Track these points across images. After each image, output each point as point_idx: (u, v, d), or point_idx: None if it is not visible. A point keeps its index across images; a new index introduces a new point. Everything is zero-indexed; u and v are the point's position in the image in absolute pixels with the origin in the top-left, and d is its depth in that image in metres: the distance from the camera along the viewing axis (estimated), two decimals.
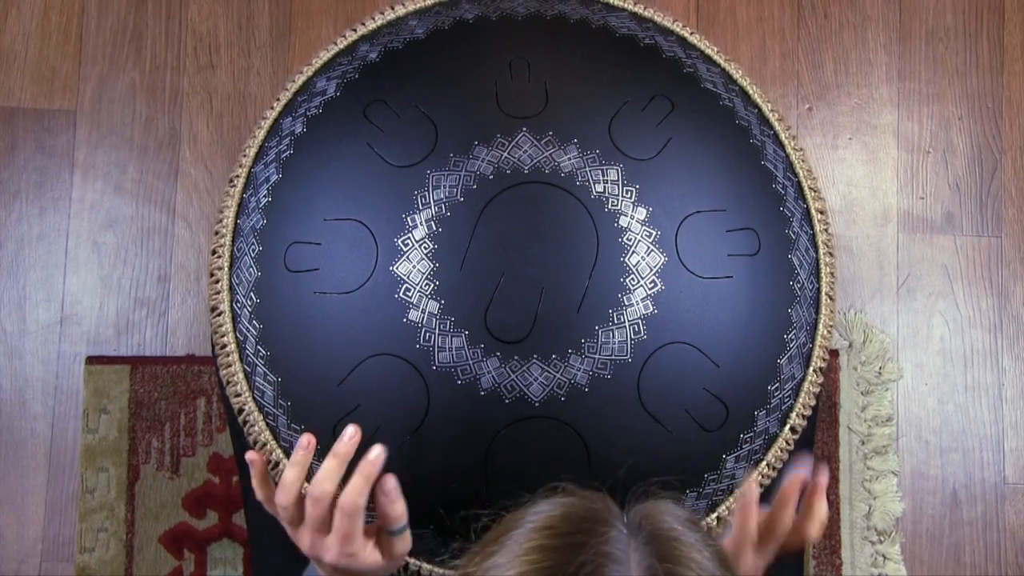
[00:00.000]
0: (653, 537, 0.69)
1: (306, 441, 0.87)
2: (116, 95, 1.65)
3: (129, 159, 1.64)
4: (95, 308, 1.61)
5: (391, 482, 0.84)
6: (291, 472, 0.85)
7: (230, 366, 1.00)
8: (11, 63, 1.64)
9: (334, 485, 0.83)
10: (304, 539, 0.84)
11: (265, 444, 0.96)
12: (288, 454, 0.95)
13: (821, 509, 0.92)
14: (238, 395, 1.00)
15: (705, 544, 0.70)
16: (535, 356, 0.92)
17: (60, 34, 1.66)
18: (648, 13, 1.12)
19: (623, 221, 0.94)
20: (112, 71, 1.65)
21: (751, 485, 0.91)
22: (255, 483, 0.87)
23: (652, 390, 0.94)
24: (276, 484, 0.89)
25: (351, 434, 0.86)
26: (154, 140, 1.64)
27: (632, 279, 0.93)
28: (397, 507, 0.84)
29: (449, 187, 0.94)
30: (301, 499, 0.86)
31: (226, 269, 1.03)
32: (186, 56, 1.67)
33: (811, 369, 1.03)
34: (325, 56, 1.10)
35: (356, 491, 0.83)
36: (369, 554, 0.83)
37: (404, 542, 0.87)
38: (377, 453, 0.85)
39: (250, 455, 0.86)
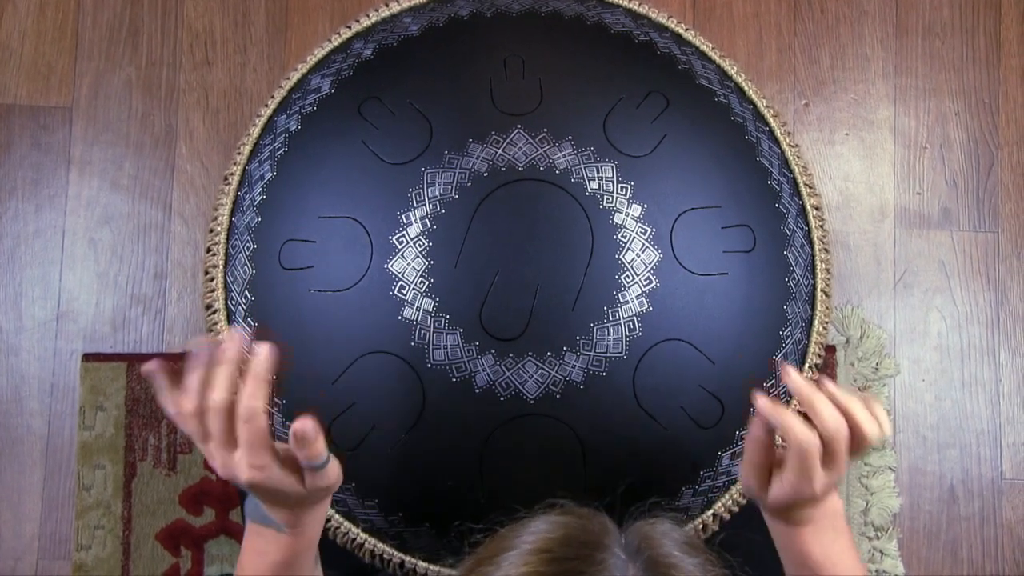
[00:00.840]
0: (652, 564, 0.68)
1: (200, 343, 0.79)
2: (112, 91, 1.65)
3: (125, 155, 1.64)
4: (91, 305, 1.61)
5: (304, 427, 0.74)
6: (191, 378, 0.77)
7: None
8: (7, 59, 1.64)
9: (226, 392, 0.74)
10: (216, 458, 0.76)
11: None
12: None
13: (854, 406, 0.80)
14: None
15: (704, 570, 0.69)
16: (530, 353, 0.92)
17: (56, 30, 1.65)
18: (643, 9, 1.12)
19: (618, 218, 0.94)
20: (108, 67, 1.65)
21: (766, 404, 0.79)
22: (160, 397, 0.77)
23: (647, 387, 0.94)
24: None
25: (233, 337, 0.77)
26: (150, 136, 1.64)
27: (627, 276, 0.93)
28: (314, 448, 0.76)
29: (444, 184, 0.94)
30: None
31: (221, 267, 1.03)
32: (182, 52, 1.66)
33: (807, 365, 1.03)
34: (320, 53, 1.10)
35: (249, 395, 0.74)
36: (285, 476, 0.77)
37: (327, 475, 0.79)
38: (263, 351, 0.76)
39: (146, 366, 0.76)
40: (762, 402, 0.78)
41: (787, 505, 0.80)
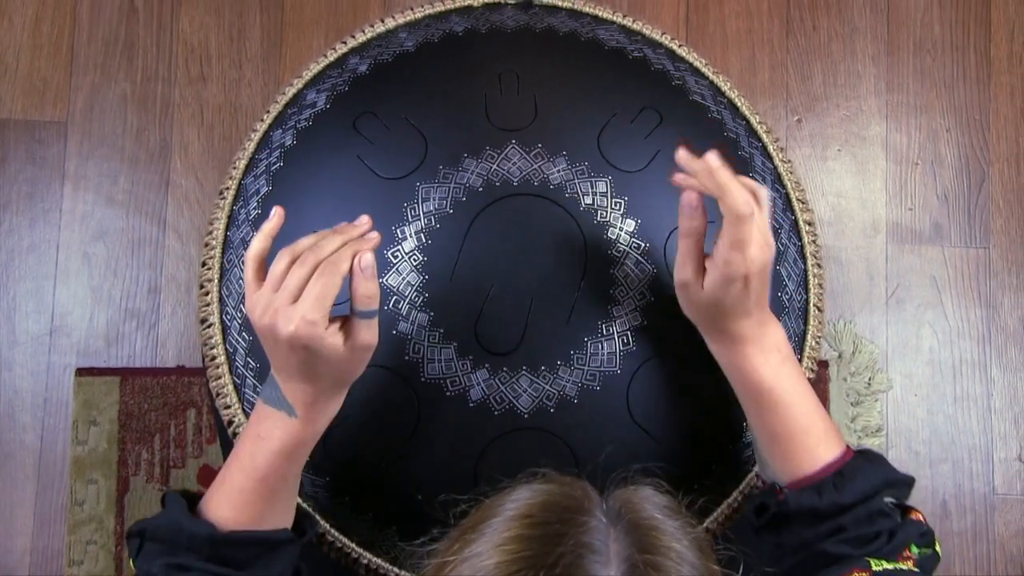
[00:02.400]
0: (633, 526, 0.68)
1: (279, 211, 0.83)
2: (107, 106, 1.65)
3: (120, 170, 1.64)
4: (85, 319, 1.61)
5: (368, 259, 0.79)
6: (257, 242, 0.82)
7: (220, 378, 1.00)
8: (2, 74, 1.65)
9: (336, 246, 0.80)
10: (266, 308, 0.79)
11: None
12: None
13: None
14: (228, 407, 1.00)
15: (685, 532, 0.70)
16: (524, 368, 0.92)
17: (51, 45, 1.66)
18: (637, 26, 1.12)
19: (612, 233, 0.94)
20: (103, 82, 1.65)
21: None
22: (261, 231, 0.82)
23: (641, 402, 0.94)
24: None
25: (278, 212, 0.83)
26: (145, 151, 1.64)
27: (621, 291, 0.94)
28: (371, 286, 0.79)
29: (438, 199, 0.94)
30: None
31: (216, 281, 1.03)
32: (177, 67, 1.67)
33: None
34: (315, 68, 1.10)
35: (359, 252, 0.80)
36: (331, 334, 0.79)
37: (370, 332, 0.81)
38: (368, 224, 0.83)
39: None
40: (690, 158, 0.84)
41: (719, 299, 0.84)
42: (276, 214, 0.83)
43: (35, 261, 1.62)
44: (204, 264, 1.04)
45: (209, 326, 1.02)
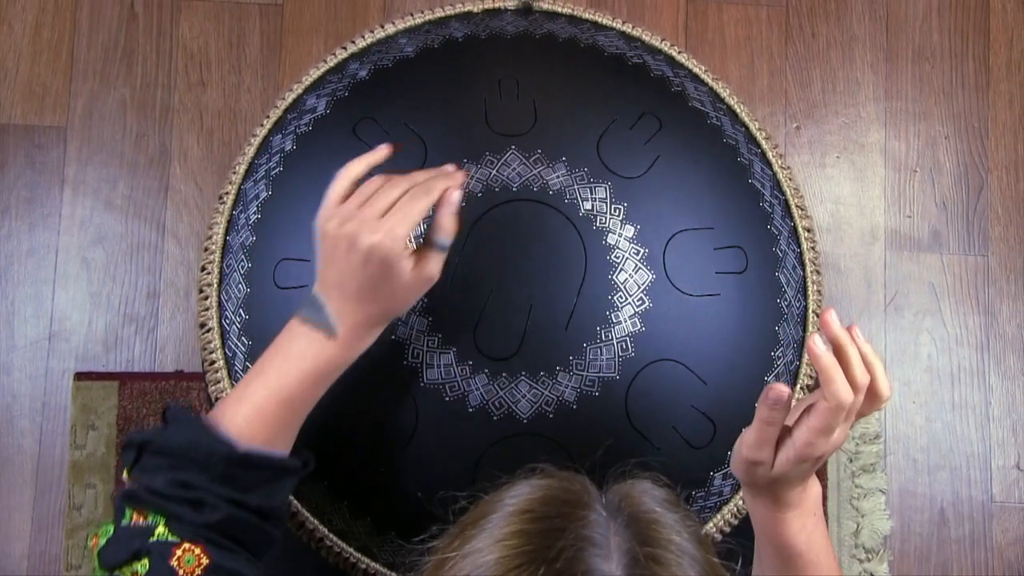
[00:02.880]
0: (633, 520, 0.68)
1: (387, 148, 0.89)
2: (107, 111, 1.65)
3: (119, 175, 1.64)
4: (84, 324, 1.61)
5: (458, 195, 0.84)
6: (356, 165, 0.87)
7: (219, 383, 1.00)
8: (2, 79, 1.65)
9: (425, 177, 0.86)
10: (353, 217, 0.83)
11: None
12: None
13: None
14: None
15: (684, 525, 0.70)
16: (523, 373, 0.92)
17: (51, 51, 1.66)
18: (636, 32, 1.12)
19: (611, 239, 0.95)
20: (103, 88, 1.66)
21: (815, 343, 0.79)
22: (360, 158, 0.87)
23: (640, 407, 0.94)
24: None
25: (383, 150, 0.88)
26: (144, 156, 1.64)
27: (620, 296, 0.94)
28: (453, 220, 0.84)
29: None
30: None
31: (215, 286, 1.03)
32: (177, 73, 1.67)
33: (798, 387, 1.04)
34: (315, 74, 1.10)
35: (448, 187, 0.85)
36: (403, 251, 0.82)
37: (437, 264, 0.85)
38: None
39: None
40: (819, 340, 0.78)
41: (786, 475, 0.81)
42: (381, 150, 0.88)
43: (34, 266, 1.62)
44: (203, 269, 1.04)
45: (208, 331, 1.02)
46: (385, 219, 0.81)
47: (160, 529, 0.76)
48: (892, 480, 1.66)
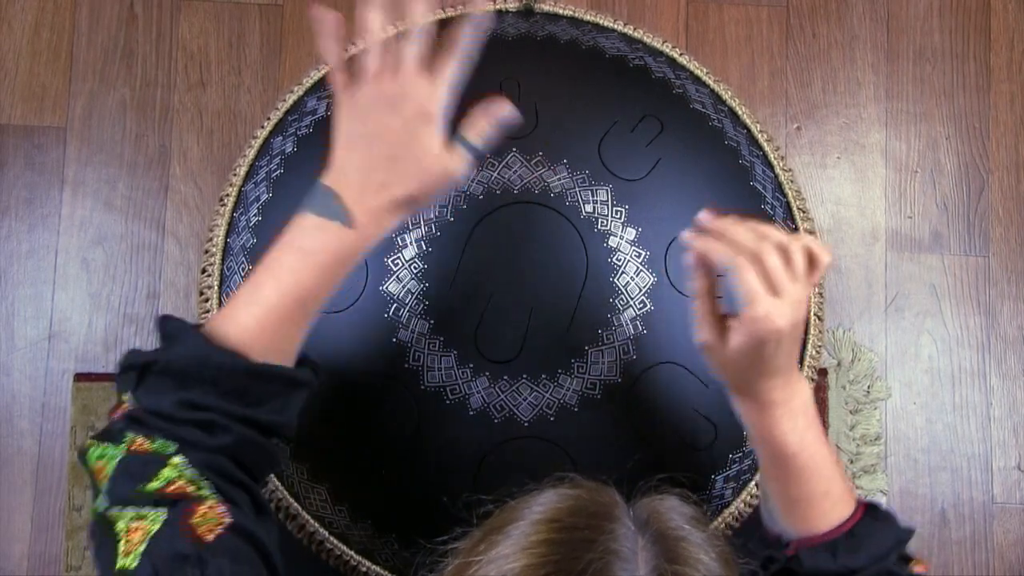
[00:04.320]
0: (661, 536, 0.68)
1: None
2: (106, 112, 1.65)
3: (119, 176, 1.64)
4: (84, 325, 1.61)
5: (507, 111, 0.81)
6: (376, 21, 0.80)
7: None
8: (1, 79, 1.64)
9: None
10: (390, 69, 0.78)
11: None
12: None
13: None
14: None
15: (712, 544, 0.70)
16: (524, 376, 0.92)
17: (50, 51, 1.66)
18: (638, 34, 1.12)
19: (612, 241, 0.94)
20: (102, 88, 1.65)
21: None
22: (328, 43, 0.79)
23: (641, 410, 0.94)
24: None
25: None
26: (144, 157, 1.64)
27: (621, 299, 0.94)
28: (486, 128, 0.80)
29: (439, 206, 0.94)
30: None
31: (216, 288, 1.03)
32: (176, 73, 1.67)
33: None
34: (316, 75, 1.10)
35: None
36: (439, 133, 0.78)
37: (464, 162, 0.80)
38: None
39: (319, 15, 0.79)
40: (689, 236, 0.83)
41: (749, 354, 0.81)
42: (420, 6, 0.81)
43: (34, 266, 1.62)
44: (204, 271, 1.04)
45: None
46: (428, 80, 0.78)
47: (176, 460, 0.70)
48: (893, 481, 1.66)
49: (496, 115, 0.80)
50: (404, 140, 0.78)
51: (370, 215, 0.78)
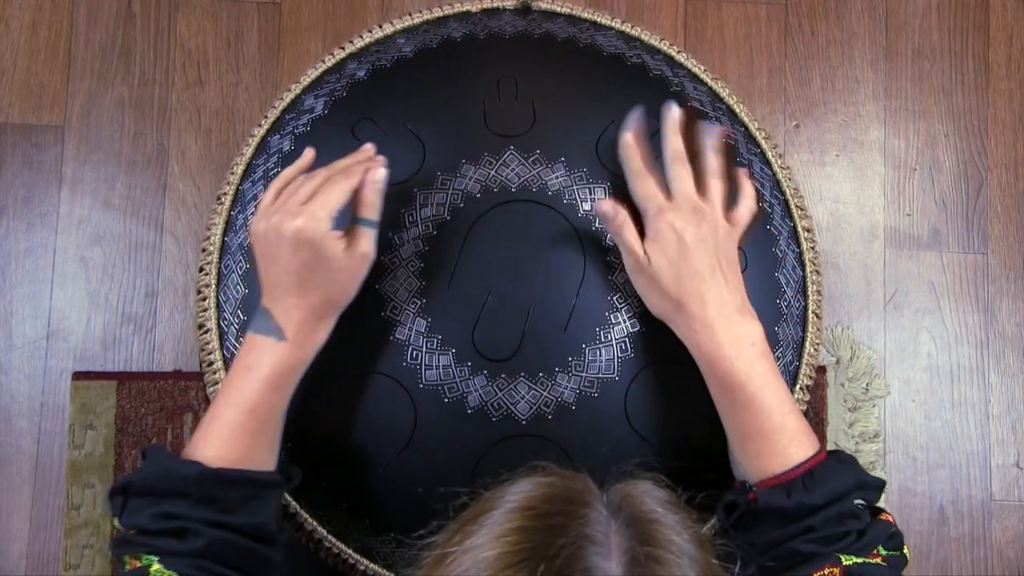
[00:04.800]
0: (634, 519, 0.69)
1: (310, 152, 0.93)
2: (104, 110, 1.65)
3: (117, 174, 1.64)
4: (82, 323, 1.61)
5: (382, 173, 0.87)
6: (288, 171, 0.91)
7: (217, 383, 1.00)
8: None
9: (350, 162, 0.90)
10: (275, 209, 0.86)
11: None
12: None
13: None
14: None
15: (685, 526, 0.71)
16: (522, 374, 0.92)
17: (48, 50, 1.66)
18: (635, 32, 1.12)
19: (610, 239, 0.94)
20: (100, 87, 1.65)
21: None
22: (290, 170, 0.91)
23: (639, 408, 0.94)
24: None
25: (309, 153, 0.92)
26: (142, 155, 1.64)
27: (619, 297, 0.94)
28: (377, 197, 0.87)
29: (436, 205, 0.94)
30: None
31: (213, 286, 1.03)
32: (175, 72, 1.67)
33: (798, 387, 1.03)
34: (313, 74, 1.10)
35: (372, 169, 0.88)
36: (334, 237, 0.83)
37: (368, 242, 0.86)
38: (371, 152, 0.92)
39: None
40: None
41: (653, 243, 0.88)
42: (307, 154, 0.92)
43: (32, 265, 1.62)
44: (201, 269, 1.04)
45: (206, 331, 1.02)
46: (306, 205, 0.83)
47: (155, 567, 0.76)
48: (891, 478, 1.66)
49: (375, 181, 0.87)
50: (307, 264, 0.84)
51: (298, 327, 0.86)
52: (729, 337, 0.87)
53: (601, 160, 0.97)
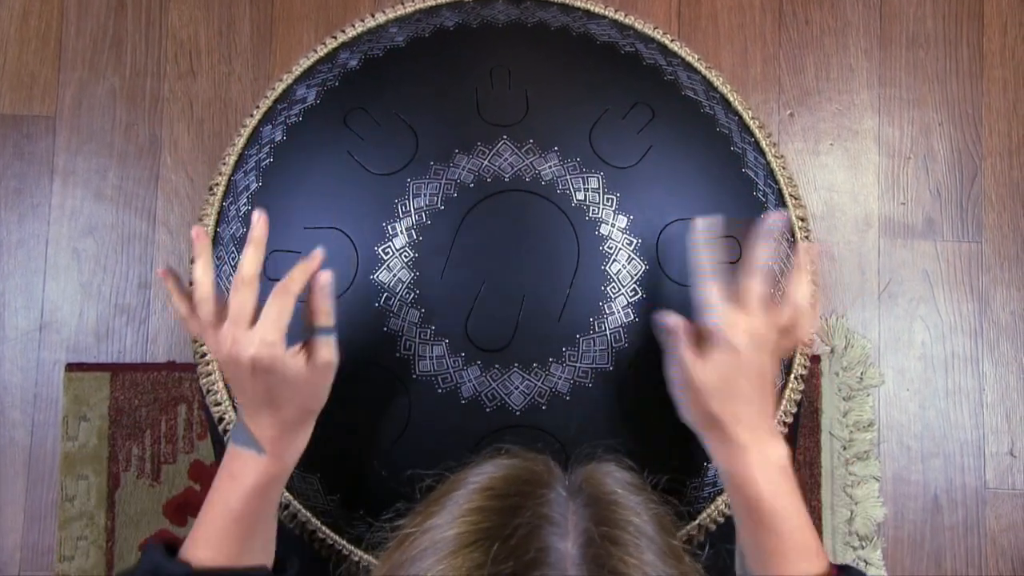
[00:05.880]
0: (592, 500, 0.70)
1: (197, 232, 0.87)
2: (96, 101, 1.64)
3: (109, 165, 1.63)
4: (75, 315, 1.61)
5: (327, 276, 0.84)
6: (198, 268, 0.85)
7: (210, 375, 1.00)
8: None
9: (257, 268, 0.83)
10: (226, 338, 0.82)
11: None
12: None
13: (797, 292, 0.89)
14: (218, 404, 0.99)
15: (645, 507, 0.71)
16: (516, 365, 0.92)
17: (39, 39, 1.65)
18: (629, 20, 1.12)
19: (604, 229, 0.94)
20: (92, 77, 1.64)
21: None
22: (176, 299, 0.85)
23: (633, 398, 0.94)
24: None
25: (257, 218, 0.85)
26: (134, 146, 1.64)
27: (613, 287, 0.93)
28: (328, 303, 0.84)
29: (429, 195, 0.94)
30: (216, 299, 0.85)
31: None
32: (167, 62, 1.66)
33: (792, 376, 1.03)
34: (305, 63, 1.09)
35: (300, 270, 0.84)
36: (292, 355, 0.82)
37: (329, 349, 0.85)
38: (259, 218, 0.85)
39: (159, 271, 0.89)
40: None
41: (714, 370, 0.86)
42: (259, 220, 0.86)
43: (24, 256, 1.61)
44: (194, 261, 1.03)
45: None
46: (255, 328, 0.82)
47: None
48: (886, 467, 1.66)
49: (324, 285, 0.85)
50: (270, 386, 0.83)
51: (275, 442, 0.86)
52: (759, 460, 0.85)
53: (594, 149, 0.97)
